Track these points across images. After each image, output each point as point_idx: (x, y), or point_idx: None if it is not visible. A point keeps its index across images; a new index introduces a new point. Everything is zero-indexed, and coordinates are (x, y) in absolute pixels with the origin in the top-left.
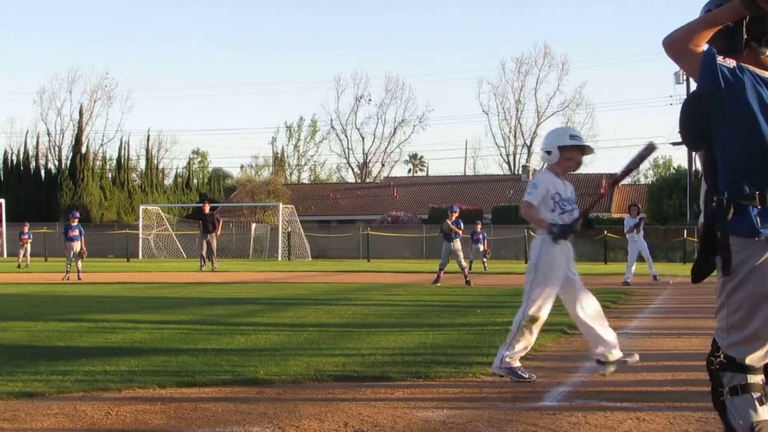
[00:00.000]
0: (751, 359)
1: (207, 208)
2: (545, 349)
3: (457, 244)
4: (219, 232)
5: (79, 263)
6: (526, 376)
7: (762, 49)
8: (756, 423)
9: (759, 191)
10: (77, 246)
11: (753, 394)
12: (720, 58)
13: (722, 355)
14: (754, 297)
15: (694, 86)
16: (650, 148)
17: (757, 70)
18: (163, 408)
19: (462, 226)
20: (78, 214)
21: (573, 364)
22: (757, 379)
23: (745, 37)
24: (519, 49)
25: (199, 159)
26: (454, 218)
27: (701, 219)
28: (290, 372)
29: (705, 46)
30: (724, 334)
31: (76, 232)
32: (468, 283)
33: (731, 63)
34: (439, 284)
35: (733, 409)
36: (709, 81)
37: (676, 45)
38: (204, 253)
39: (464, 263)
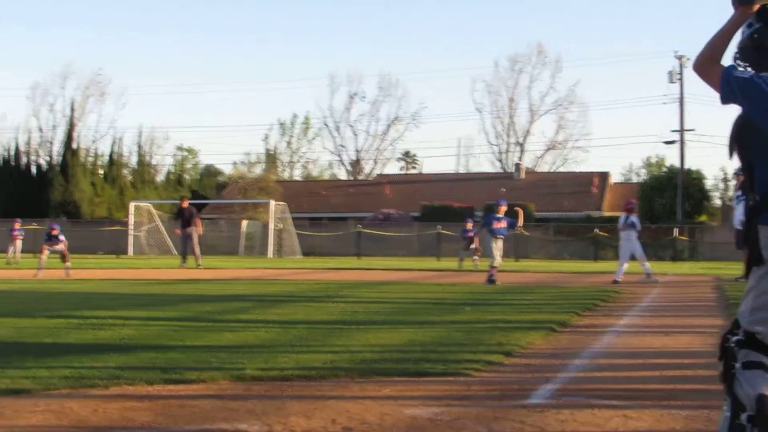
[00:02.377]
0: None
1: (186, 203)
2: (533, 346)
3: (500, 242)
4: (200, 231)
5: (68, 263)
6: None
7: None
8: (763, 395)
9: None
10: (57, 247)
11: (766, 372)
12: (739, 69)
13: (743, 333)
14: None
15: (687, 85)
16: None
17: None
18: (151, 405)
19: (502, 223)
20: (58, 226)
21: (561, 362)
22: None
23: None
24: (513, 48)
25: (185, 155)
26: (502, 212)
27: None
28: (278, 369)
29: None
30: (747, 314)
31: (57, 240)
32: (493, 281)
33: (749, 72)
34: (498, 283)
35: (744, 379)
36: (727, 91)
37: (702, 64)
38: (184, 248)
39: (497, 262)
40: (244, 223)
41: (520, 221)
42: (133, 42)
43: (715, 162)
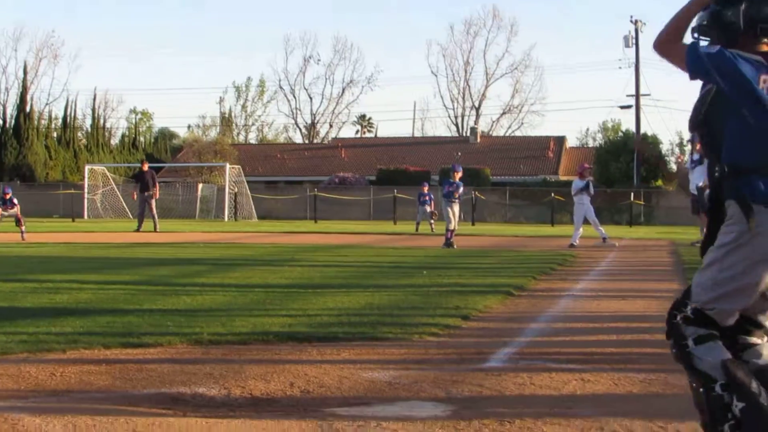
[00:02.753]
0: (721, 314)
1: (146, 167)
2: (491, 310)
3: (456, 206)
4: (157, 195)
5: (23, 226)
6: None
7: (759, 38)
8: (726, 360)
9: (761, 161)
10: (11, 211)
11: (718, 341)
12: (703, 45)
13: (690, 310)
14: (747, 260)
15: (643, 49)
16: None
17: (746, 54)
18: (108, 369)
19: (462, 189)
20: (10, 190)
21: (518, 326)
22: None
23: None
24: (468, 11)
25: (139, 117)
26: (458, 178)
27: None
28: (236, 332)
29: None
30: (709, 288)
31: (10, 204)
32: (450, 245)
33: (715, 47)
34: (455, 247)
35: (701, 353)
36: (698, 66)
37: (664, 43)
38: (142, 211)
39: (452, 226)
40: (200, 186)
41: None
42: (88, 4)
43: (670, 126)
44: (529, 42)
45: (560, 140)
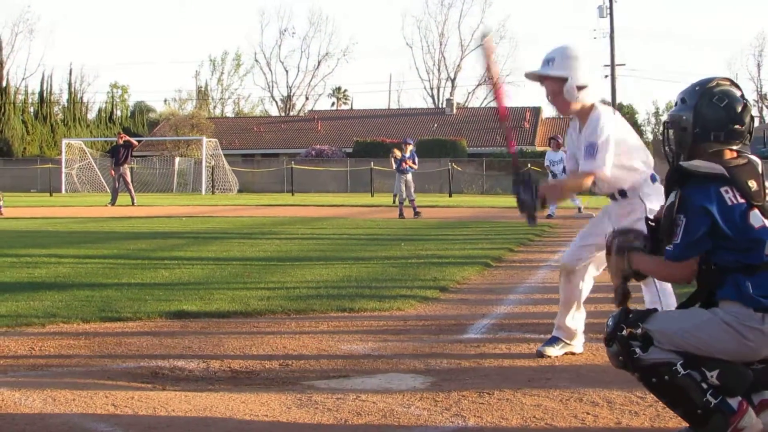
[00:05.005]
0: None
1: (122, 140)
2: (469, 282)
3: (410, 176)
4: (126, 168)
5: (1, 201)
6: None
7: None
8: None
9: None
10: None
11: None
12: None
13: (640, 333)
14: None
15: (617, 19)
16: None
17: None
18: (87, 342)
19: (416, 160)
20: None
21: (496, 297)
22: None
23: None
24: None
25: (119, 93)
26: (408, 151)
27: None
28: (215, 306)
29: None
30: (673, 341)
31: None
32: (417, 214)
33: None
34: (404, 218)
35: (650, 353)
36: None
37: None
38: (116, 186)
39: (414, 196)
40: (177, 160)
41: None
42: None
43: (646, 96)
44: (504, 13)
45: (536, 111)
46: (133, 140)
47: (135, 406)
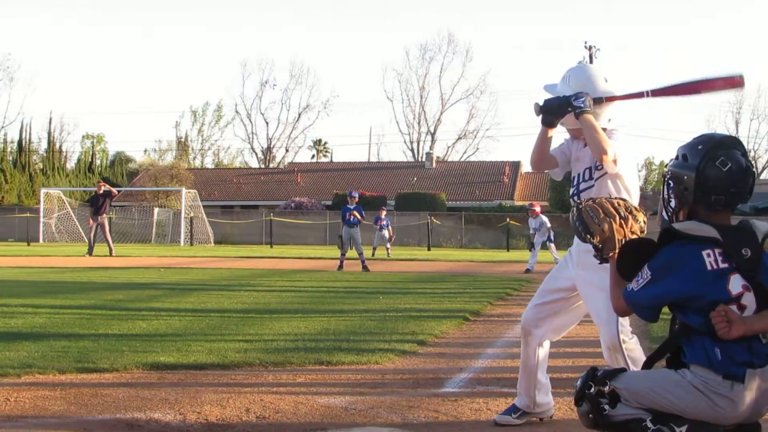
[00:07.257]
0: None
1: (102, 189)
2: (447, 335)
3: (357, 230)
4: (104, 217)
5: None
6: None
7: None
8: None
9: None
10: None
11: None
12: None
13: (608, 390)
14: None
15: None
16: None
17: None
18: (63, 394)
19: (363, 213)
20: None
21: (474, 351)
22: None
23: None
24: (423, 36)
25: (93, 141)
26: (353, 204)
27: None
28: (192, 358)
29: None
30: (640, 399)
31: None
32: (365, 269)
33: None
34: (342, 270)
35: (619, 409)
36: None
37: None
38: (92, 235)
39: (362, 249)
40: (156, 210)
41: None
42: (44, 26)
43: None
44: (484, 67)
45: (515, 165)
46: (113, 189)
47: None
